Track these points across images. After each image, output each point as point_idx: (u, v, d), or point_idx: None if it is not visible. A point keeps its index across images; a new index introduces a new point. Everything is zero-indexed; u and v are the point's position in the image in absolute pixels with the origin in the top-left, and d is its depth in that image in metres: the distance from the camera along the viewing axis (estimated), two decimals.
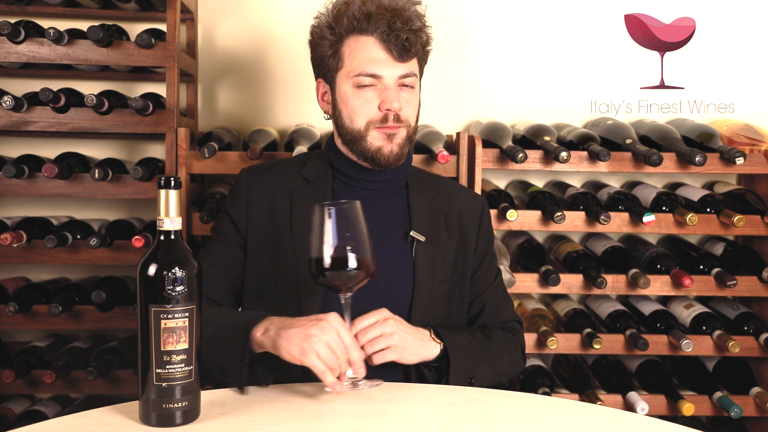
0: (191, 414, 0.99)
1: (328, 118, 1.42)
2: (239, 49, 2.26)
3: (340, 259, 1.10)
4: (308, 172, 1.41)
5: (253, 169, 1.45)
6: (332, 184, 1.40)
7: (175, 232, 0.98)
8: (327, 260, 1.09)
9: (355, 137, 1.34)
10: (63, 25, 1.98)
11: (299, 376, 1.18)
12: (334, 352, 1.08)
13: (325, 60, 1.36)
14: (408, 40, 1.30)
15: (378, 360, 1.18)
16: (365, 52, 1.32)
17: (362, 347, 1.17)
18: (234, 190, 1.43)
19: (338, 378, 1.09)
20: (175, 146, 1.92)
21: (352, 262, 1.10)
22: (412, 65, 1.35)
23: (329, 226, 1.09)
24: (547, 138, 2.00)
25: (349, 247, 1.10)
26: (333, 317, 1.11)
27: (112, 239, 1.92)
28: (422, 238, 1.36)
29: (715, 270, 1.97)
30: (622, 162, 1.99)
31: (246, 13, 2.25)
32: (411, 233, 1.37)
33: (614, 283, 1.97)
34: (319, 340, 1.08)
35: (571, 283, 1.97)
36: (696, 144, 2.01)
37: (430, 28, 1.37)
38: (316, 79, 1.44)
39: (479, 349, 1.31)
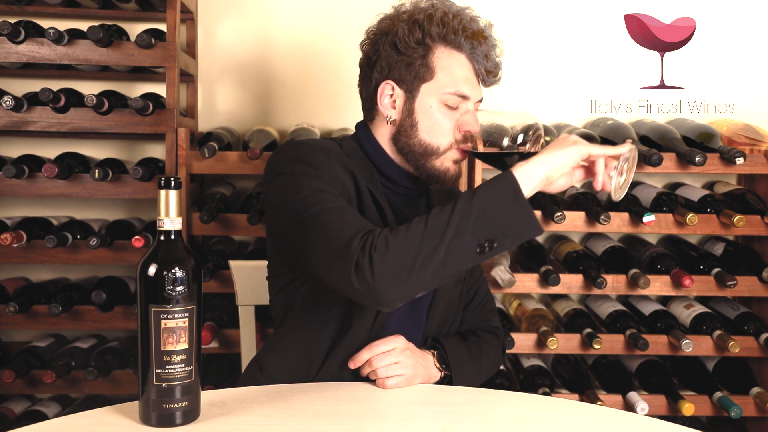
0: (191, 414, 0.98)
1: (390, 121, 1.30)
2: (239, 49, 2.26)
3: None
4: (352, 166, 1.29)
5: (309, 142, 1.28)
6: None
7: (175, 232, 0.98)
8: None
9: (428, 152, 1.27)
10: (63, 25, 1.99)
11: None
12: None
13: (414, 66, 1.25)
14: (497, 66, 1.28)
15: (390, 384, 1.19)
16: (460, 70, 1.25)
17: (375, 370, 1.20)
18: (307, 157, 1.22)
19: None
20: (175, 146, 1.92)
21: None
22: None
23: None
24: (547, 138, 2.00)
25: None
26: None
27: (112, 239, 1.92)
28: None
29: (715, 270, 1.97)
30: None
31: (246, 13, 2.25)
32: None
33: (614, 283, 1.97)
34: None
35: (571, 283, 1.97)
36: (696, 144, 2.01)
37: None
38: (377, 79, 1.29)
39: (474, 369, 1.33)
